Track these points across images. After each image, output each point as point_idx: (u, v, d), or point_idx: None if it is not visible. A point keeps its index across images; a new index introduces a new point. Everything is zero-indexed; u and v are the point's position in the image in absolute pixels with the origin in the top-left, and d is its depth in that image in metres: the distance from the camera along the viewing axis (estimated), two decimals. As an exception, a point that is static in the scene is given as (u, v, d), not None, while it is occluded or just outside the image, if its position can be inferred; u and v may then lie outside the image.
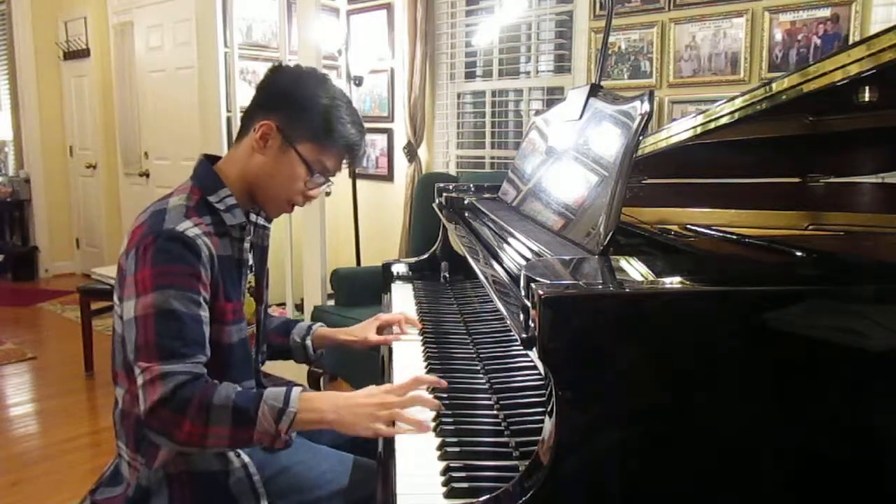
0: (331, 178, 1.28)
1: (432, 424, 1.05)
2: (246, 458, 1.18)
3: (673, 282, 0.85)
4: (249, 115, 1.24)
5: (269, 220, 1.37)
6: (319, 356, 1.55)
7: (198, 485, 1.16)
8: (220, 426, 1.02)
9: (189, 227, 1.12)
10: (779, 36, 2.53)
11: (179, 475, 1.15)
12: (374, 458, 1.08)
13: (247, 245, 1.25)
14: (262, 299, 1.38)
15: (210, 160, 1.26)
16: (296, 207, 1.32)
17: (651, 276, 0.87)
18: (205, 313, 1.11)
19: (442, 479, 0.90)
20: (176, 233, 1.10)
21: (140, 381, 1.04)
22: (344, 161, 1.27)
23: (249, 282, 1.32)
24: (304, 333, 1.51)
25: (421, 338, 1.49)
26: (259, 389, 1.09)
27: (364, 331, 1.53)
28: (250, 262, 1.31)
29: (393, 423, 1.05)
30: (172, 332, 1.05)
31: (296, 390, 1.07)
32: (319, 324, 1.56)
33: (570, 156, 1.34)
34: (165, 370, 1.02)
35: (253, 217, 1.33)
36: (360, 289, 3.01)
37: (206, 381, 1.06)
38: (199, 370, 1.06)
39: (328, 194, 1.38)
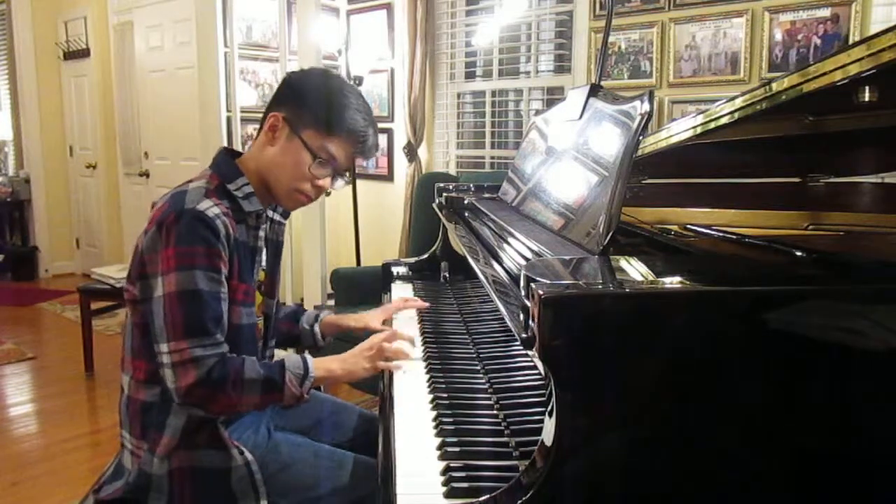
0: (342, 172, 1.31)
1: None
2: (249, 456, 1.19)
3: (673, 282, 0.85)
4: (264, 114, 1.28)
5: (286, 216, 1.41)
6: (329, 343, 1.58)
7: (199, 481, 1.17)
8: (252, 395, 1.14)
9: (209, 207, 1.16)
10: (779, 36, 2.53)
11: (181, 470, 1.16)
12: (374, 457, 1.08)
13: (261, 234, 1.30)
14: (273, 294, 1.41)
15: (230, 154, 1.30)
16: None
17: (651, 276, 0.87)
18: (224, 290, 1.17)
19: (442, 479, 0.89)
20: (197, 211, 1.14)
21: (167, 359, 1.10)
22: (354, 151, 1.28)
23: (260, 276, 1.34)
24: (312, 320, 1.56)
25: (421, 345, 1.48)
26: (280, 360, 1.21)
27: (368, 318, 1.58)
28: (263, 252, 1.34)
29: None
30: (198, 311, 1.11)
31: (308, 358, 1.22)
32: (327, 311, 1.60)
33: (570, 156, 1.34)
34: (197, 354, 1.10)
35: (269, 212, 1.36)
36: (360, 289, 3.01)
37: (232, 357, 1.15)
38: (224, 349, 1.14)
39: (328, 194, 1.41)
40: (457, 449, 0.97)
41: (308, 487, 1.20)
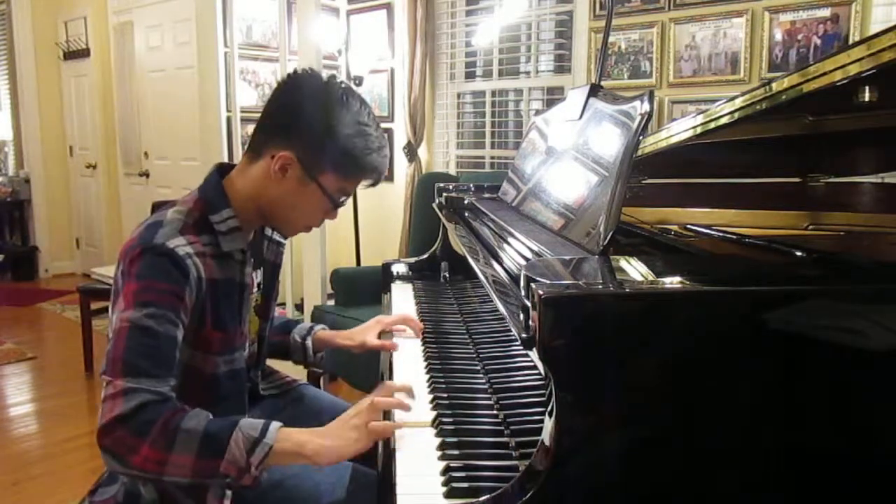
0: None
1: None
2: None
3: (673, 282, 0.85)
4: (266, 135, 1.15)
5: (285, 237, 1.36)
6: (320, 360, 1.52)
7: None
8: (184, 454, 0.93)
9: (181, 245, 1.06)
10: (779, 36, 2.53)
11: (170, 493, 1.11)
12: (374, 458, 1.07)
13: (248, 269, 1.20)
14: (267, 317, 1.35)
15: (221, 171, 1.19)
16: None
17: (651, 276, 0.87)
18: (180, 334, 1.04)
19: (442, 479, 0.89)
20: (165, 248, 1.04)
21: (102, 395, 0.97)
22: (368, 184, 1.21)
23: (256, 300, 1.30)
24: (304, 333, 1.49)
25: (421, 345, 1.48)
26: (236, 417, 1.01)
27: (363, 334, 1.48)
28: (256, 282, 1.28)
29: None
30: (144, 349, 0.99)
31: (275, 423, 0.99)
32: (321, 326, 1.53)
33: (570, 156, 1.34)
34: (130, 386, 0.95)
35: (268, 232, 1.32)
36: (360, 289, 3.01)
37: (176, 404, 0.98)
38: (168, 391, 0.99)
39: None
40: (457, 449, 0.97)
41: (304, 501, 1.15)
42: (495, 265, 1.17)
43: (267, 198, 1.16)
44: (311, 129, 1.12)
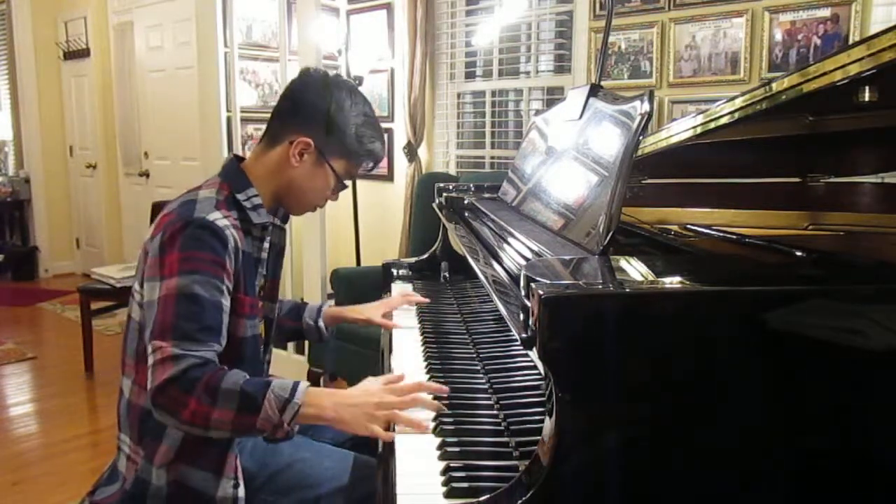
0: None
1: (432, 425, 1.05)
2: (241, 493, 1.18)
3: (673, 282, 0.85)
4: (282, 124, 1.29)
5: (284, 222, 1.43)
6: (332, 334, 1.63)
7: (189, 498, 1.16)
8: (226, 409, 1.04)
9: (219, 218, 1.16)
10: (779, 36, 2.53)
11: (178, 483, 1.16)
12: (374, 456, 1.08)
13: (266, 245, 1.30)
14: (274, 298, 1.42)
15: (237, 160, 1.31)
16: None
17: (651, 276, 0.87)
18: (226, 301, 1.14)
19: (442, 479, 0.90)
20: (206, 221, 1.14)
21: (151, 360, 1.06)
22: (368, 169, 1.39)
23: (262, 283, 1.35)
24: (315, 315, 1.59)
25: (421, 345, 1.48)
26: (267, 378, 1.10)
27: (370, 311, 1.61)
28: (266, 261, 1.35)
29: (390, 426, 1.07)
30: (191, 315, 1.08)
31: (303, 383, 1.10)
32: (328, 303, 1.64)
33: (570, 156, 1.34)
34: (178, 352, 1.05)
35: (271, 218, 1.36)
36: (360, 289, 3.00)
37: (216, 366, 1.08)
38: (211, 356, 1.09)
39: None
40: (457, 449, 0.97)
41: (309, 487, 1.20)
42: (495, 265, 1.17)
43: (284, 179, 1.29)
44: (326, 119, 1.27)
